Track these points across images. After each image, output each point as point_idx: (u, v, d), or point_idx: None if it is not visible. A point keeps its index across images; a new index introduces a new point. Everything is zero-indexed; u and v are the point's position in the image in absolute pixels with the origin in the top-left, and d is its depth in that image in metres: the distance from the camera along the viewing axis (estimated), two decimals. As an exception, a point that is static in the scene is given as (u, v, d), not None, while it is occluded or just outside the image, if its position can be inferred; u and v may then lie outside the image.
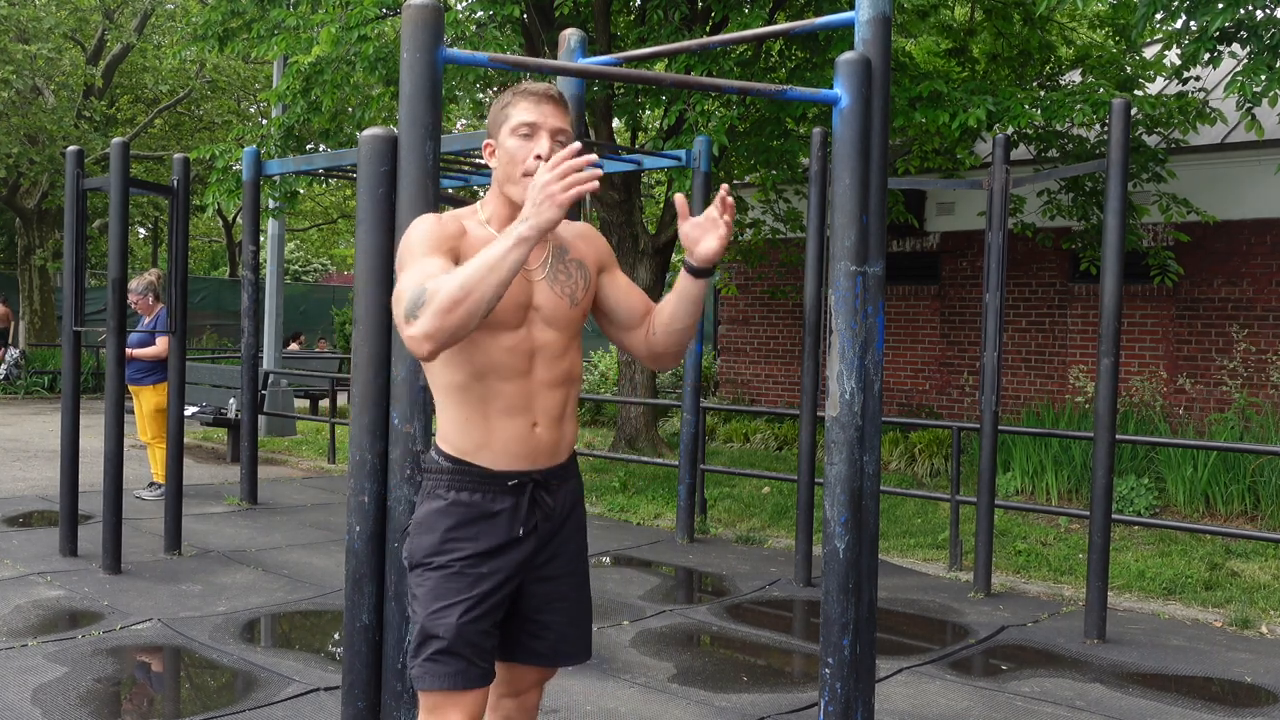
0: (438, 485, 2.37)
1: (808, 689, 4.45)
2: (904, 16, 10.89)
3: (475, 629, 2.30)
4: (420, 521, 2.38)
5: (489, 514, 2.34)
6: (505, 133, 2.32)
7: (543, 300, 2.35)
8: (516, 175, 2.30)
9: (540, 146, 2.28)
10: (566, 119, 2.35)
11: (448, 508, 2.35)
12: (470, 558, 2.32)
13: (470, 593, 2.31)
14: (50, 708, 3.98)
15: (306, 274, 39.29)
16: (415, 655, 2.33)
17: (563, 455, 2.43)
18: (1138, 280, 10.67)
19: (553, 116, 2.31)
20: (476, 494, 2.34)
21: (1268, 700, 4.49)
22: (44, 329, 20.63)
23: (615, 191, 10.98)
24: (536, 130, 2.30)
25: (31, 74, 18.14)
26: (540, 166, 2.07)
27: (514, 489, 2.35)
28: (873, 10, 2.91)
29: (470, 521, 2.34)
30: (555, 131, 2.31)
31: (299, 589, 5.86)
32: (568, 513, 2.47)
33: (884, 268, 2.97)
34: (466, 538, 2.33)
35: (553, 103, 2.32)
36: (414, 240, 2.26)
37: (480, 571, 2.32)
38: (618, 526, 7.98)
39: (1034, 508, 7.10)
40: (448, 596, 2.31)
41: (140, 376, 8.10)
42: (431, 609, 2.30)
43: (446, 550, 2.33)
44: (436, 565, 2.33)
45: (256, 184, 8.76)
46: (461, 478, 2.34)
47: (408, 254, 2.24)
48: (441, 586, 2.31)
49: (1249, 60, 7.13)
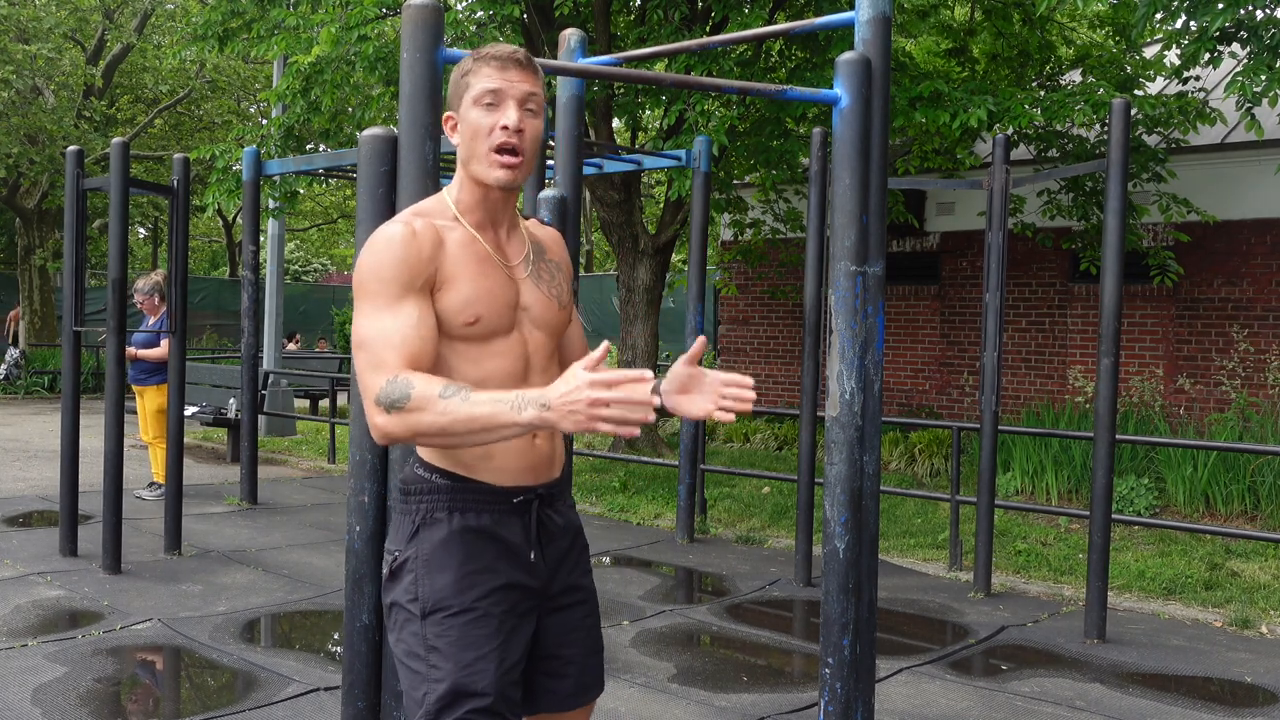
0: (435, 508, 2.08)
1: (808, 689, 4.45)
2: (904, 16, 10.89)
3: (509, 679, 2.04)
4: (429, 559, 2.06)
5: (499, 539, 2.08)
6: (467, 103, 2.05)
7: (530, 299, 2.13)
8: (481, 151, 2.03)
9: (507, 116, 2.02)
10: (536, 82, 2.07)
11: (455, 535, 2.06)
12: (492, 594, 2.05)
13: (501, 637, 2.04)
14: (50, 708, 3.98)
15: (306, 274, 39.29)
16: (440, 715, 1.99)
17: (558, 470, 2.21)
18: (1138, 280, 10.67)
19: (519, 81, 2.04)
20: (483, 515, 2.07)
21: (1268, 700, 4.49)
22: (44, 329, 20.63)
23: (615, 191, 10.98)
24: (501, 98, 2.02)
25: (31, 74, 18.13)
26: (592, 378, 1.74)
27: (519, 507, 2.10)
28: (873, 10, 2.91)
29: (482, 551, 2.07)
30: (523, 98, 2.04)
31: (299, 589, 5.86)
32: (574, 534, 2.25)
33: (884, 268, 2.97)
34: (484, 569, 2.06)
35: (519, 66, 2.04)
36: (384, 266, 1.97)
37: (505, 609, 2.06)
38: (618, 526, 7.98)
39: (1034, 508, 7.10)
40: (480, 645, 2.02)
41: (144, 377, 8.12)
42: (464, 661, 2.00)
43: (467, 588, 2.04)
44: (459, 609, 2.03)
45: (256, 184, 8.76)
46: (464, 496, 2.07)
47: (377, 282, 1.97)
48: (471, 633, 2.02)
49: (1249, 60, 7.13)
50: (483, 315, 2.04)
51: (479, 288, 2.05)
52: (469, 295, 2.03)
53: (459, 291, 2.03)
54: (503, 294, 2.08)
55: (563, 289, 2.21)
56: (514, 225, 2.17)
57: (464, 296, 2.03)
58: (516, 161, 2.04)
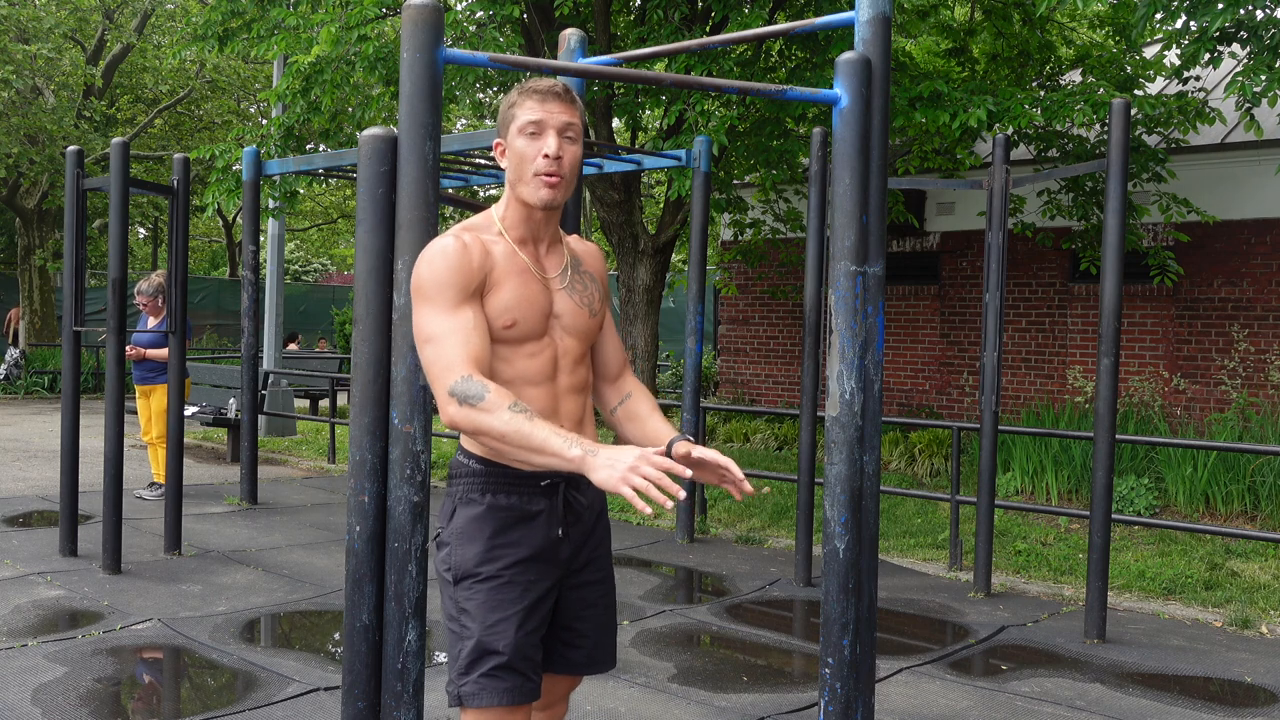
0: (470, 489, 2.35)
1: (808, 689, 4.45)
2: (904, 16, 10.88)
3: (529, 642, 2.28)
4: (461, 531, 2.34)
5: (527, 516, 2.33)
6: (513, 132, 2.32)
7: (563, 309, 2.39)
8: (527, 175, 2.30)
9: (548, 145, 2.28)
10: (574, 112, 2.33)
11: (486, 513, 2.32)
12: (517, 564, 2.30)
13: (523, 602, 2.28)
14: (50, 708, 3.98)
15: (306, 274, 39.30)
16: (469, 671, 2.26)
17: None
18: (1138, 280, 10.67)
19: (559, 112, 2.30)
20: (513, 496, 2.33)
21: (1267, 700, 4.49)
22: (44, 329, 20.63)
23: (615, 191, 10.98)
24: (543, 128, 2.29)
25: (31, 74, 18.13)
26: (649, 453, 2.01)
27: (547, 489, 2.35)
28: (873, 10, 2.91)
29: (511, 526, 2.32)
30: (562, 128, 2.30)
31: (299, 589, 5.87)
32: (597, 514, 2.48)
33: (884, 268, 2.96)
34: (510, 543, 2.31)
35: (558, 99, 2.30)
36: (442, 274, 2.24)
37: (529, 579, 2.31)
38: (618, 526, 7.98)
39: (1034, 508, 7.11)
40: (503, 609, 2.27)
41: (152, 376, 8.15)
42: (488, 622, 2.26)
43: (494, 559, 2.30)
44: (485, 576, 2.29)
45: (256, 184, 8.76)
46: (496, 480, 2.33)
47: (437, 289, 2.23)
48: (494, 598, 2.28)
49: (1249, 60, 7.13)
50: (519, 320, 2.31)
51: (518, 296, 2.32)
52: (508, 302, 2.30)
53: (500, 298, 2.30)
54: (538, 302, 2.35)
55: (594, 298, 2.47)
56: (554, 241, 2.45)
57: (504, 303, 2.30)
58: (557, 182, 2.30)
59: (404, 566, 2.62)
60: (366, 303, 2.69)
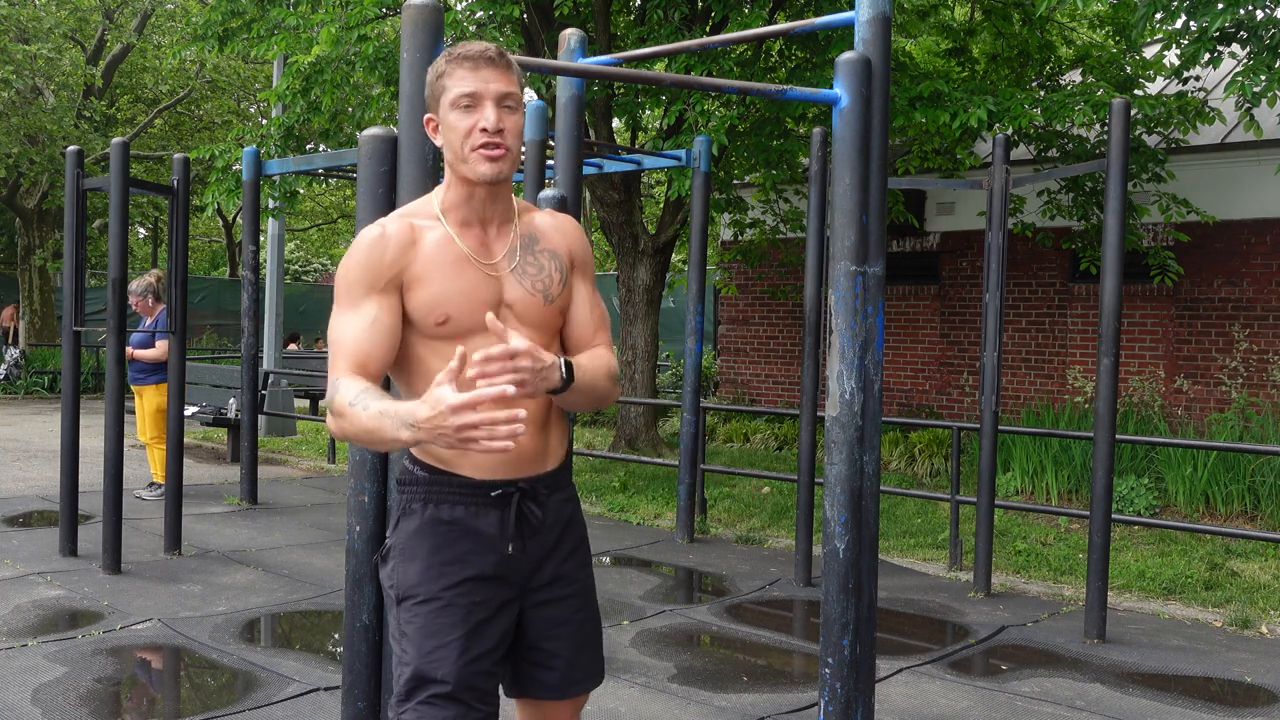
0: (413, 499, 2.15)
1: (808, 689, 4.45)
2: (904, 16, 10.89)
3: (475, 669, 2.08)
4: (402, 548, 2.15)
5: (473, 532, 2.12)
6: (445, 106, 2.07)
7: (514, 296, 2.14)
8: (465, 152, 2.06)
9: (486, 118, 2.04)
10: (511, 79, 2.07)
11: (425, 527, 2.12)
12: (461, 584, 2.10)
13: (465, 627, 2.09)
14: (50, 707, 3.98)
15: (306, 274, 39.28)
16: (406, 699, 2.07)
17: (550, 463, 2.21)
18: (1137, 280, 10.67)
19: (495, 80, 2.05)
20: (458, 507, 2.12)
21: (1267, 700, 4.49)
22: (44, 329, 20.64)
23: (615, 191, 10.98)
24: (478, 100, 2.04)
25: (32, 74, 18.14)
26: (453, 402, 1.77)
27: (498, 500, 2.13)
28: (873, 10, 2.91)
29: (453, 542, 2.11)
30: (500, 97, 2.05)
31: (299, 589, 5.87)
32: (562, 527, 2.24)
33: (884, 268, 2.97)
34: (453, 560, 2.11)
35: (491, 65, 2.05)
36: (351, 269, 2.08)
37: (474, 600, 2.10)
38: (618, 526, 7.98)
39: (1034, 508, 7.11)
40: (443, 634, 2.08)
41: (142, 377, 8.13)
42: (426, 649, 2.07)
43: (433, 578, 2.10)
44: (424, 597, 2.10)
45: (256, 184, 8.76)
46: (440, 489, 2.13)
47: (344, 284, 2.07)
48: (434, 622, 2.08)
49: (1249, 60, 7.13)
50: (452, 315, 2.08)
51: (450, 287, 2.08)
52: (438, 295, 2.08)
53: (428, 292, 2.08)
54: (478, 293, 2.10)
55: (551, 281, 2.19)
56: (504, 220, 2.18)
57: (433, 296, 2.08)
58: (500, 154, 2.06)
59: (404, 566, 2.62)
60: (366, 303, 2.69)
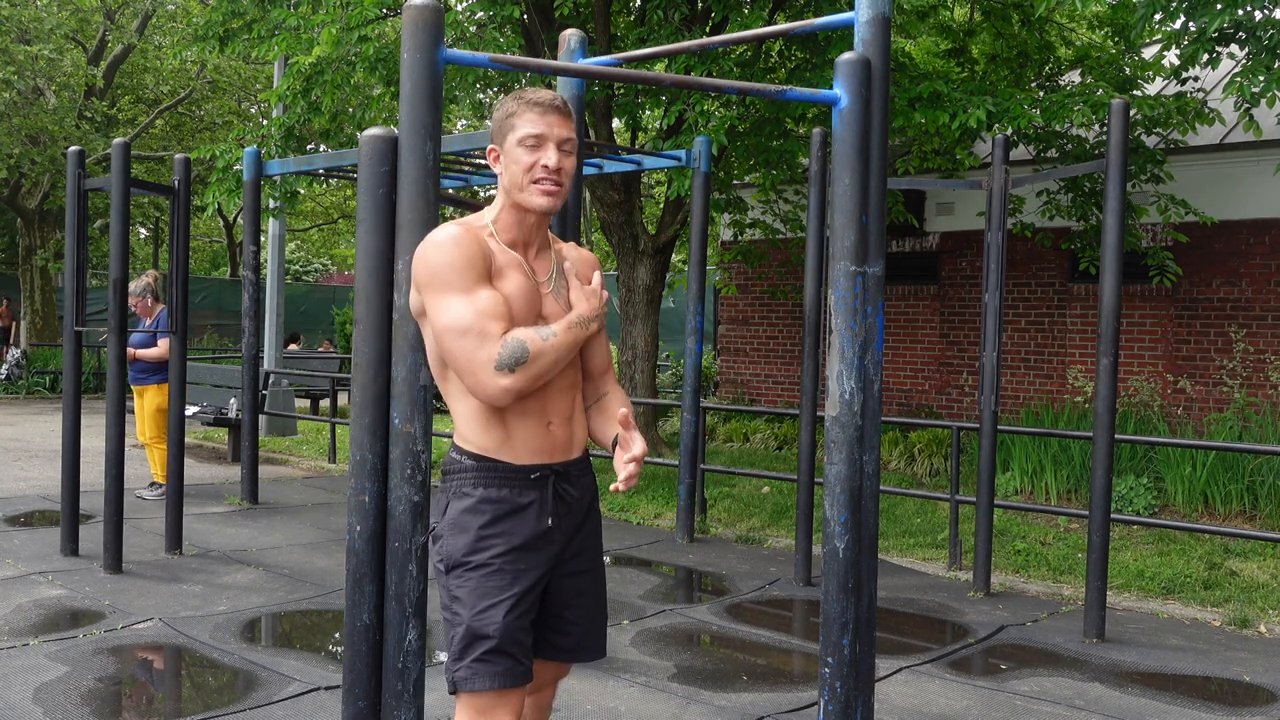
0: (463, 483, 2.43)
1: (808, 688, 4.46)
2: (903, 17, 10.89)
3: (519, 625, 2.36)
4: (453, 522, 2.42)
5: (518, 508, 2.41)
6: (512, 143, 2.40)
7: (550, 311, 2.46)
8: (526, 184, 2.39)
9: (547, 157, 2.37)
10: (572, 127, 2.43)
11: (477, 505, 2.40)
12: (507, 553, 2.38)
13: (513, 589, 2.36)
14: (51, 707, 3.99)
15: (307, 274, 39.29)
16: (461, 657, 2.34)
17: (576, 450, 2.52)
18: (1137, 280, 10.68)
19: (558, 126, 2.40)
20: (504, 489, 2.41)
21: (1267, 700, 4.50)
22: (45, 329, 20.64)
23: (615, 192, 10.99)
24: (543, 142, 2.38)
25: (33, 75, 18.15)
26: (591, 290, 2.45)
27: (537, 481, 2.43)
28: (872, 10, 2.92)
29: (501, 517, 2.40)
30: (561, 141, 2.40)
31: (300, 588, 5.88)
32: (588, 507, 2.56)
33: (884, 268, 2.97)
34: (500, 533, 2.39)
35: (558, 113, 2.40)
36: (451, 265, 2.31)
37: (519, 568, 2.39)
38: (618, 526, 7.99)
39: (1033, 507, 7.12)
40: (492, 595, 2.35)
41: (143, 376, 8.14)
42: (478, 608, 2.35)
43: (483, 548, 2.38)
44: (475, 564, 2.38)
45: (257, 184, 8.77)
46: (487, 474, 2.41)
47: (452, 274, 2.30)
48: (484, 585, 2.36)
49: (1247, 61, 7.14)
50: (515, 312, 2.37)
51: (514, 291, 2.39)
52: (509, 293, 2.38)
53: (502, 288, 2.37)
54: (530, 302, 2.42)
55: None
56: (544, 246, 2.53)
57: (505, 293, 2.37)
58: (556, 190, 2.40)
59: (404, 566, 2.63)
60: (367, 303, 2.70)
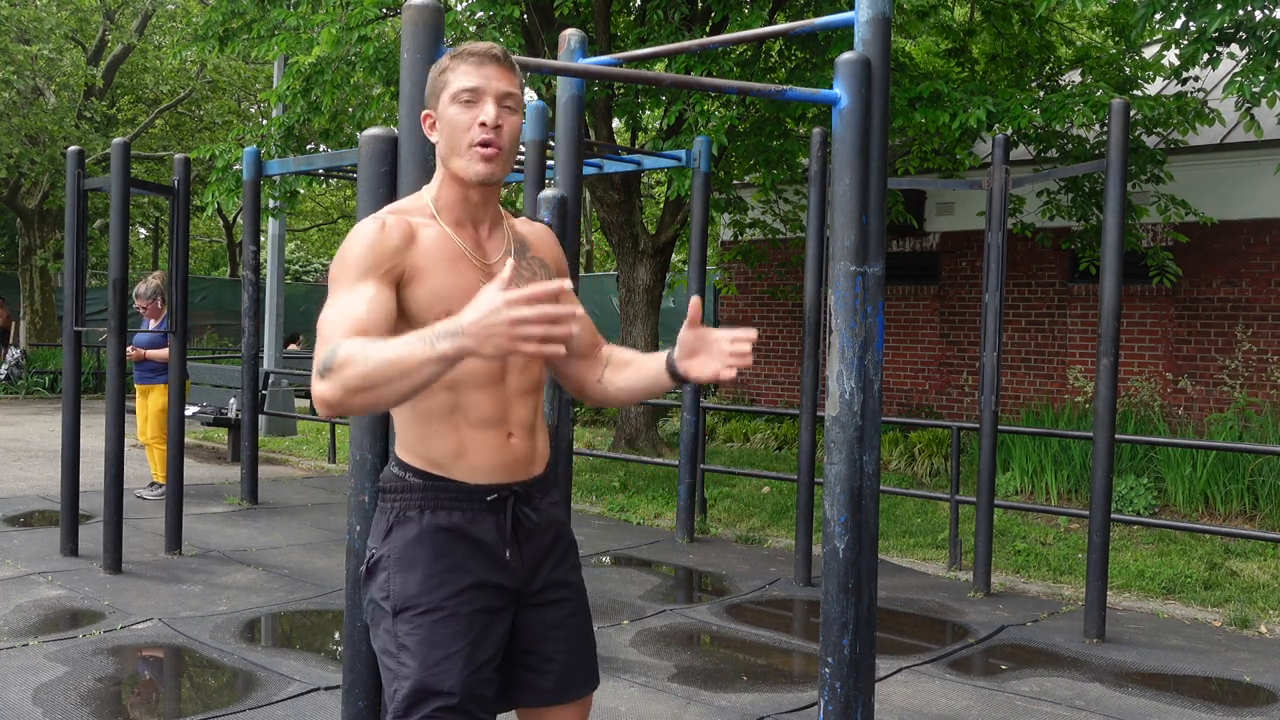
0: (408, 506, 2.10)
1: (808, 689, 4.46)
2: (904, 17, 10.88)
3: (479, 678, 2.05)
4: (399, 557, 2.09)
5: (470, 538, 2.09)
6: (445, 101, 2.07)
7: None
8: (461, 147, 2.06)
9: (485, 113, 2.04)
10: (514, 80, 2.09)
11: (424, 535, 2.08)
12: (463, 592, 2.06)
13: (469, 636, 2.05)
14: (51, 707, 3.99)
15: (307, 274, 39.25)
16: (407, 714, 2.01)
17: (537, 467, 2.20)
18: (1137, 280, 10.68)
19: (497, 79, 2.06)
20: (455, 514, 2.09)
21: (1267, 700, 4.50)
22: (45, 329, 20.64)
23: (615, 192, 10.99)
24: (480, 95, 2.05)
25: (32, 74, 18.15)
26: (509, 297, 1.66)
27: (493, 505, 2.11)
28: (872, 10, 2.92)
29: (453, 549, 2.08)
30: (501, 95, 2.06)
31: (299, 588, 5.87)
32: (555, 531, 2.24)
33: (884, 268, 2.97)
34: (454, 567, 2.07)
35: (496, 63, 2.07)
36: (350, 254, 2.01)
37: (475, 608, 2.07)
38: (618, 526, 7.98)
39: (1033, 507, 7.11)
40: (447, 644, 2.03)
41: (151, 376, 8.17)
42: (431, 661, 2.02)
43: (435, 587, 2.06)
44: (425, 608, 2.05)
45: (257, 184, 8.77)
46: (436, 495, 2.09)
47: (341, 269, 2.01)
48: (437, 633, 2.04)
49: (1248, 61, 7.14)
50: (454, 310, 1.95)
51: (450, 284, 2.07)
52: (439, 289, 2.05)
53: (429, 286, 2.05)
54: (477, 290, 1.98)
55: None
56: (495, 223, 2.19)
57: (434, 290, 2.05)
58: (494, 153, 2.06)
59: (405, 565, 2.62)
60: (367, 303, 2.70)
